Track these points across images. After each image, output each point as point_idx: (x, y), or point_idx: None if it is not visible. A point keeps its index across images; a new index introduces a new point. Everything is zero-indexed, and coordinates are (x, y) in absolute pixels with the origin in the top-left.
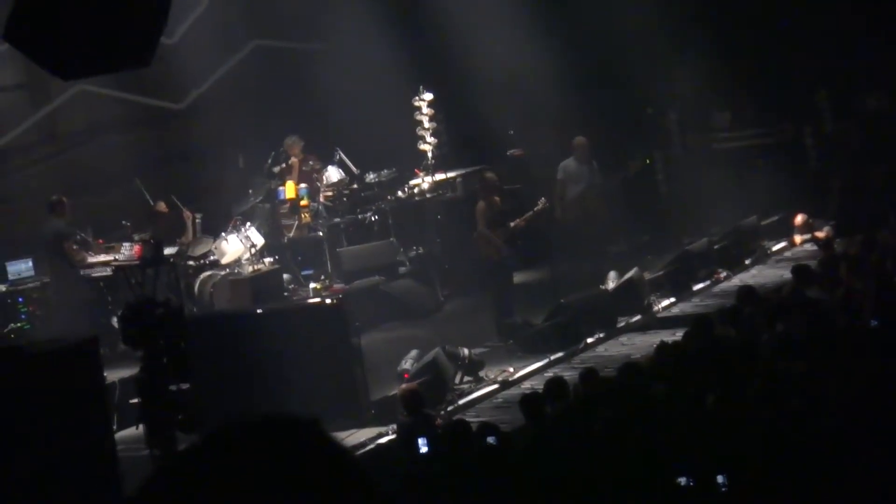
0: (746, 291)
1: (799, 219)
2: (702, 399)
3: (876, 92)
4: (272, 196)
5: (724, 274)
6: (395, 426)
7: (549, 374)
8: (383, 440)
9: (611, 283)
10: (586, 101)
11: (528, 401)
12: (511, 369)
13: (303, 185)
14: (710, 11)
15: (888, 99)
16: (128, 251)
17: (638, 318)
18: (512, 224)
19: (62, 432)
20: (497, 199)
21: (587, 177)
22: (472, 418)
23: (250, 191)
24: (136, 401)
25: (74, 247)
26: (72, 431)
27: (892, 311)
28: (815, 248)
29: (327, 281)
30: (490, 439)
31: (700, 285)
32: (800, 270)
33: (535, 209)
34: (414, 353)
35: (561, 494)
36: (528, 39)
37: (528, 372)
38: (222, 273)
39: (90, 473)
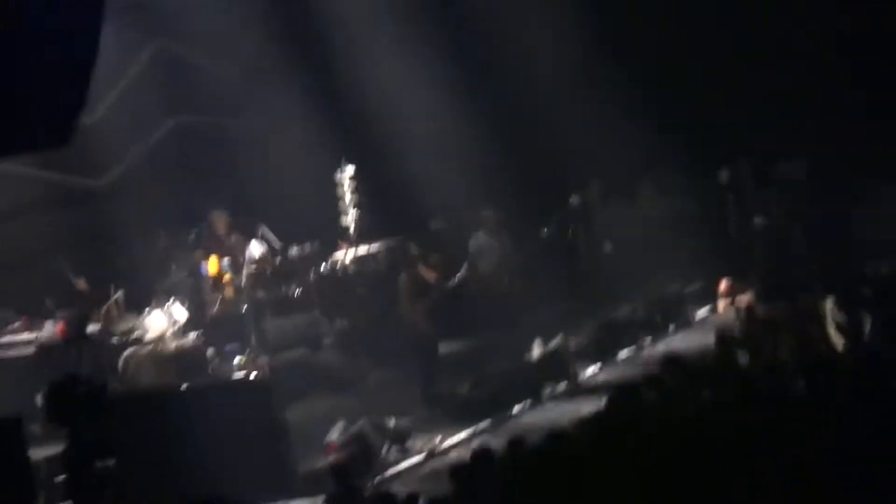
0: (670, 360)
1: (723, 285)
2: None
3: (794, 160)
4: (195, 272)
5: (648, 340)
6: (323, 498)
7: (476, 443)
8: None
9: (535, 352)
10: (508, 170)
11: (457, 471)
12: (438, 438)
13: (226, 260)
14: (635, 81)
15: (805, 167)
16: (50, 329)
17: (563, 385)
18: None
19: None
20: (420, 270)
21: (498, 250)
22: (399, 490)
23: (173, 266)
24: (62, 478)
25: None
26: None
27: (816, 375)
28: (737, 313)
29: (252, 355)
30: None
31: (625, 352)
32: (724, 337)
33: (454, 281)
34: (340, 424)
35: None
36: (449, 109)
37: (456, 442)
38: (146, 349)
39: None
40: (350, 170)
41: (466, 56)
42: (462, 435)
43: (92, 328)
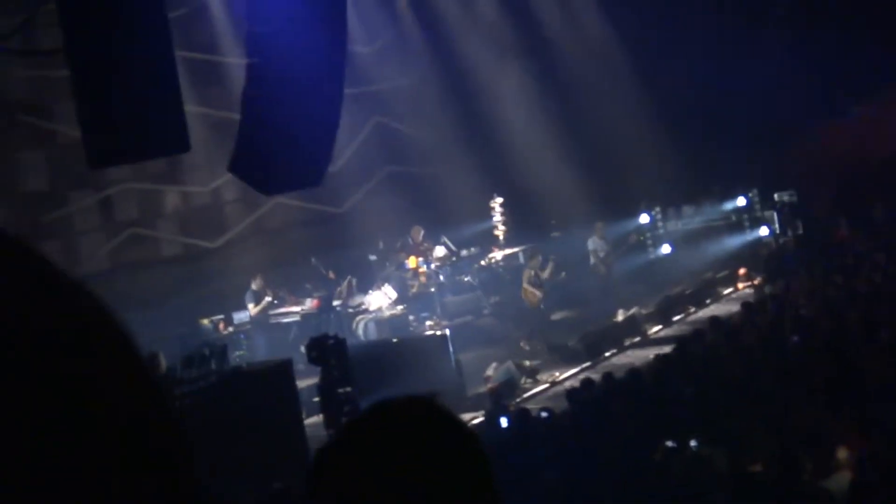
0: (714, 320)
1: (742, 271)
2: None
3: (789, 188)
4: (402, 266)
5: (692, 310)
6: (484, 411)
7: (582, 376)
8: (476, 421)
9: (619, 317)
10: (601, 200)
11: (571, 392)
12: (557, 374)
13: (421, 259)
14: (672, 125)
15: (797, 193)
16: (309, 303)
17: (637, 339)
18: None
19: (272, 421)
20: (536, 269)
21: (604, 249)
22: (532, 405)
23: (387, 263)
24: (317, 399)
25: (275, 301)
26: (278, 420)
27: (805, 331)
28: (752, 290)
29: (437, 320)
30: (543, 414)
31: (678, 317)
32: (746, 304)
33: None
34: (494, 364)
35: (593, 455)
36: (559, 156)
37: (568, 375)
38: (370, 316)
39: (285, 448)
40: (499, 199)
41: (569, 107)
42: (572, 371)
43: (336, 302)
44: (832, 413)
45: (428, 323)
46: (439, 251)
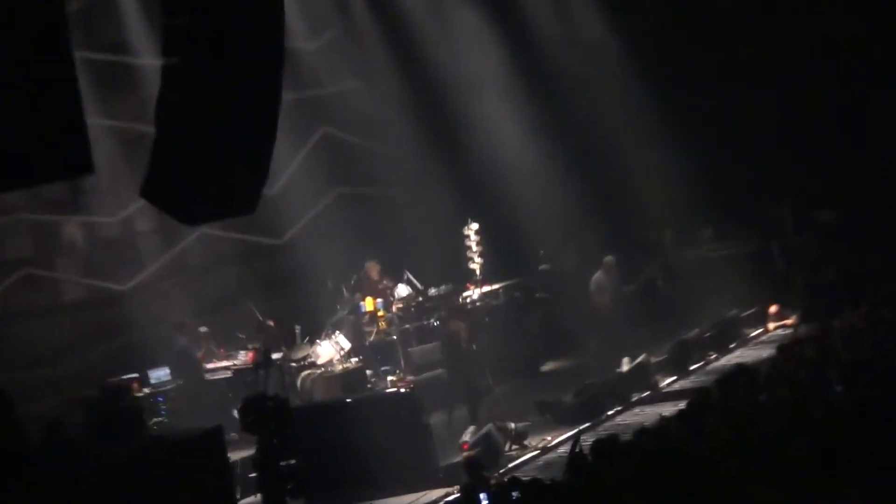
0: (741, 368)
1: (773, 308)
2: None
3: (828, 209)
4: (356, 309)
5: (713, 356)
6: (459, 486)
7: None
8: (450, 498)
9: (625, 367)
10: (601, 226)
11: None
12: (549, 438)
13: (379, 300)
14: (693, 144)
15: (838, 214)
16: (243, 357)
17: (647, 393)
18: None
19: (199, 502)
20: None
21: (612, 286)
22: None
23: (338, 306)
24: (253, 475)
25: (200, 355)
26: (206, 501)
27: (849, 380)
28: (784, 332)
29: (401, 374)
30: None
31: (695, 366)
32: (783, 348)
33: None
34: (471, 428)
35: None
36: (550, 177)
37: (562, 440)
38: (318, 371)
39: None
40: (475, 226)
41: (562, 129)
42: (567, 434)
43: (276, 356)
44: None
45: (389, 378)
46: (401, 290)
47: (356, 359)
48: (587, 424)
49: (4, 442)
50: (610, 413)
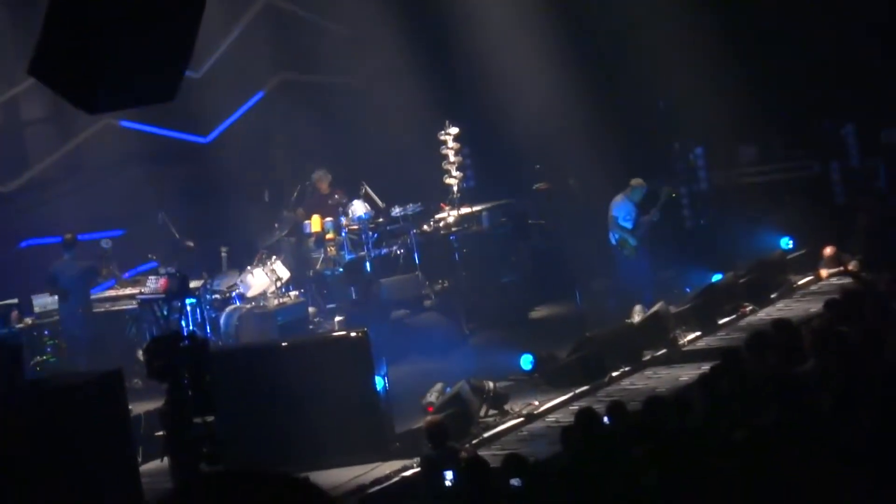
0: (783, 324)
1: (828, 251)
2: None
3: None
4: (298, 230)
5: (749, 308)
6: (419, 459)
7: (574, 407)
8: (408, 473)
9: (636, 317)
10: (612, 137)
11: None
12: (536, 402)
13: (328, 219)
14: (738, 45)
15: None
16: (153, 284)
17: (663, 351)
18: None
19: (86, 466)
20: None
21: (636, 212)
22: (496, 451)
23: (276, 224)
24: (161, 433)
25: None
26: (96, 464)
27: None
28: (840, 281)
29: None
30: (513, 481)
31: (725, 319)
32: (833, 304)
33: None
34: (438, 386)
35: None
36: (554, 74)
37: (553, 405)
38: (248, 306)
39: None
40: (454, 130)
41: (573, 27)
42: (560, 399)
43: (195, 284)
44: None
45: (338, 318)
46: (358, 208)
47: (297, 292)
48: (585, 388)
49: None
50: (615, 374)
